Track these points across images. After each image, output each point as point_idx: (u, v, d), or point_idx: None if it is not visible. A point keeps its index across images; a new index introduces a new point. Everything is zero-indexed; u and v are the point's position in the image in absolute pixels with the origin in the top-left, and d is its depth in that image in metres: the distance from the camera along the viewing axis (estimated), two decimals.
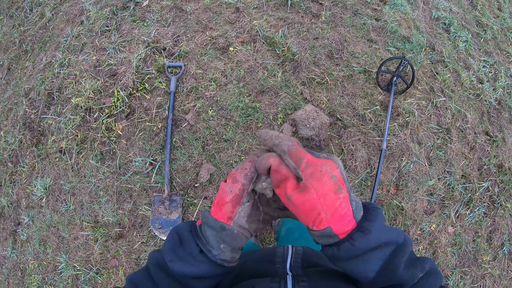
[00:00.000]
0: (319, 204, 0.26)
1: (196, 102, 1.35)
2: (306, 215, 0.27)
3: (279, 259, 0.43)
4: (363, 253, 0.27)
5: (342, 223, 0.27)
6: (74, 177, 1.35)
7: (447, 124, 1.48)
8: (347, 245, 0.27)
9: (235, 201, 0.28)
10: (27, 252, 1.38)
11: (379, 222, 0.27)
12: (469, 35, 1.73)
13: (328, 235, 0.27)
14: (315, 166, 0.26)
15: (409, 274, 0.27)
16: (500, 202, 1.46)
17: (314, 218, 0.26)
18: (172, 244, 0.30)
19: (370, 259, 0.27)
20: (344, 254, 0.27)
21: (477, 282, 1.37)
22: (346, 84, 1.43)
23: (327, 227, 0.26)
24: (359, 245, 0.26)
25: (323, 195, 0.26)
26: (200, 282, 0.30)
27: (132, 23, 1.52)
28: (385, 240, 0.27)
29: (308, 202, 0.26)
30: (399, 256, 0.27)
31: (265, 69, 1.40)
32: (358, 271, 0.27)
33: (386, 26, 1.57)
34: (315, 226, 0.27)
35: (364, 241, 0.26)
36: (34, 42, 1.73)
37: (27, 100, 1.55)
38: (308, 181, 0.26)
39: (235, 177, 0.28)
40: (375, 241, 0.27)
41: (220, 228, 0.29)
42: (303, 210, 0.26)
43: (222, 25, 1.49)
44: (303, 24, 1.51)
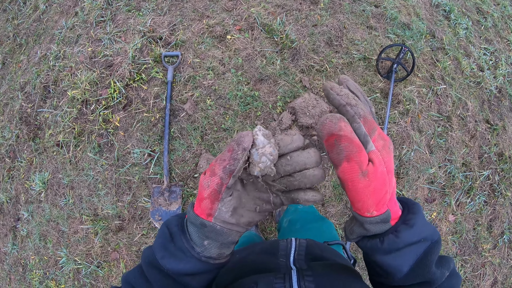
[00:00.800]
0: (387, 181, 0.24)
1: (194, 92, 1.33)
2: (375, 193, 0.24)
3: (282, 252, 0.41)
4: (404, 246, 0.26)
5: (396, 208, 0.26)
6: (72, 171, 1.34)
7: (447, 112, 1.47)
8: (391, 238, 0.26)
9: (213, 196, 0.25)
10: (27, 247, 1.38)
11: (421, 217, 0.27)
12: (469, 22, 1.71)
13: (384, 221, 0.25)
14: (386, 141, 0.25)
15: (439, 272, 0.27)
16: (501, 190, 1.46)
17: (380, 199, 0.24)
18: (163, 239, 0.28)
19: (409, 253, 0.26)
20: (387, 246, 0.26)
21: (478, 270, 1.38)
22: (346, 71, 1.41)
23: (387, 210, 0.25)
24: (403, 238, 0.25)
25: (390, 172, 0.24)
26: (193, 278, 0.28)
27: (127, 12, 1.49)
28: (424, 235, 0.26)
29: (382, 177, 0.24)
30: (434, 253, 0.26)
31: (263, 57, 1.38)
32: (394, 265, 0.26)
33: (386, 12, 1.55)
34: (377, 209, 0.25)
35: (408, 234, 0.25)
36: (28, 35, 1.70)
37: (22, 94, 1.53)
38: (381, 153, 0.24)
39: (213, 170, 0.25)
40: (417, 235, 0.26)
41: (201, 224, 0.27)
42: (374, 187, 0.24)
43: (219, 13, 1.46)
44: (302, 11, 1.48)
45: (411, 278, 0.27)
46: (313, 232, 0.67)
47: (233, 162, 0.24)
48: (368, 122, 0.24)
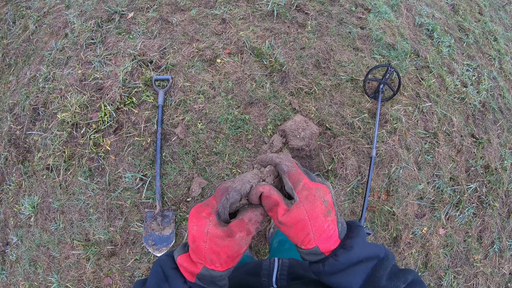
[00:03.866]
0: (309, 225, 0.28)
1: (185, 115, 1.34)
2: (296, 235, 0.29)
3: (265, 271, 0.43)
4: (346, 267, 0.28)
5: (329, 243, 0.29)
6: (62, 195, 1.32)
7: (433, 129, 1.51)
8: (331, 261, 0.29)
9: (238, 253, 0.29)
10: (17, 273, 1.35)
11: (360, 239, 0.30)
12: (452, 40, 1.77)
13: (315, 253, 0.29)
14: (310, 190, 0.29)
15: (391, 285, 0.28)
16: (488, 201, 1.50)
17: (303, 238, 0.29)
18: (157, 279, 0.30)
19: (353, 273, 0.28)
20: (328, 269, 0.29)
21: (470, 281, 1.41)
22: (334, 93, 1.44)
23: (315, 247, 0.29)
24: (342, 260, 0.28)
25: (314, 218, 0.28)
26: None
27: (117, 35, 1.50)
28: (366, 255, 0.29)
29: (300, 224, 0.28)
30: (381, 269, 0.29)
31: (253, 81, 1.40)
32: (343, 285, 0.29)
33: (371, 34, 1.59)
34: (304, 245, 0.29)
35: (347, 256, 0.28)
36: (18, 55, 1.69)
37: (11, 115, 1.51)
38: (302, 204, 0.28)
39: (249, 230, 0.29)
40: (357, 256, 0.29)
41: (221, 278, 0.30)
42: (294, 231, 0.29)
43: (208, 36, 1.48)
44: (290, 34, 1.52)
45: None
46: None
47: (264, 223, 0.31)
48: (293, 176, 0.30)
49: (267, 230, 1.25)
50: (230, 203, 0.30)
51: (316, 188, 0.29)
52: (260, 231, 1.28)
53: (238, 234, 0.28)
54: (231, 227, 0.29)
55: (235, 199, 0.30)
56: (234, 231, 0.28)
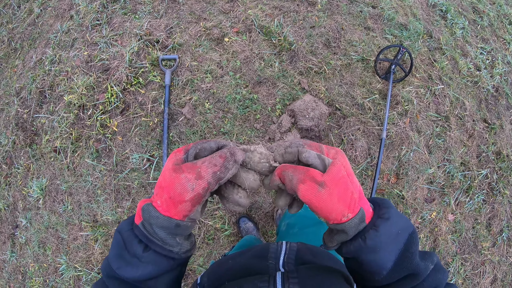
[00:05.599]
0: (349, 183, 0.26)
1: (192, 95, 1.32)
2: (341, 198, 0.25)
3: (272, 255, 0.42)
4: (387, 240, 0.26)
5: (367, 205, 0.27)
6: (70, 177, 1.32)
7: (445, 112, 1.47)
8: (372, 233, 0.26)
9: (196, 200, 0.25)
10: (26, 255, 1.36)
11: (394, 209, 0.28)
12: (466, 22, 1.71)
13: (361, 220, 0.26)
14: (335, 148, 0.27)
15: (422, 264, 0.27)
16: (499, 189, 1.47)
17: (349, 201, 0.26)
18: (117, 248, 0.27)
19: (390, 249, 0.26)
20: (370, 242, 0.26)
21: (477, 268, 1.39)
22: (344, 73, 1.41)
23: (361, 209, 0.26)
24: (383, 231, 0.26)
25: (351, 174, 0.26)
26: (156, 281, 0.28)
27: (123, 16, 1.47)
28: (401, 226, 0.27)
29: (343, 182, 0.25)
30: (414, 244, 0.27)
31: (261, 60, 1.38)
32: (379, 263, 0.26)
33: (383, 13, 1.55)
34: (351, 211, 0.26)
35: (387, 226, 0.26)
36: (23, 39, 1.68)
37: (18, 99, 1.51)
38: (338, 160, 0.26)
39: (200, 173, 0.24)
40: (395, 226, 0.26)
41: (176, 226, 0.26)
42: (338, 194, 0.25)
43: (216, 15, 1.45)
44: (299, 12, 1.48)
45: (397, 272, 0.27)
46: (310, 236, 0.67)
47: (223, 170, 0.25)
48: (312, 145, 0.27)
49: (275, 211, 1.24)
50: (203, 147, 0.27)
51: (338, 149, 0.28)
52: (267, 212, 1.27)
53: (185, 173, 0.24)
54: (182, 166, 0.25)
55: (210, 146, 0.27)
56: (183, 169, 0.25)
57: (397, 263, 0.26)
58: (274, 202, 0.29)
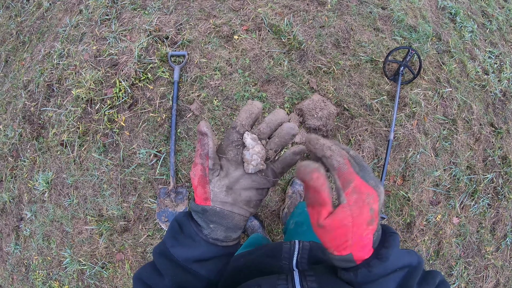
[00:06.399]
0: (350, 233, 0.26)
1: (201, 92, 1.33)
2: (334, 240, 0.26)
3: (286, 254, 0.42)
4: (378, 278, 0.27)
5: (363, 252, 0.27)
6: (76, 171, 1.33)
7: (453, 115, 1.47)
8: (364, 272, 0.27)
9: (202, 181, 0.29)
10: (30, 247, 1.36)
11: (396, 249, 0.27)
12: (474, 26, 1.71)
13: (347, 260, 0.27)
14: (361, 195, 0.25)
15: None
16: (504, 193, 1.47)
17: (340, 244, 0.26)
18: (173, 231, 0.31)
19: (385, 283, 0.27)
20: (360, 279, 0.27)
21: (481, 273, 1.39)
22: (353, 73, 1.41)
23: (349, 254, 0.27)
24: (376, 272, 0.27)
25: (357, 225, 0.25)
26: (202, 265, 0.29)
27: (132, 11, 1.48)
28: (400, 265, 0.27)
29: (342, 229, 0.25)
30: (413, 277, 0.27)
31: (270, 58, 1.38)
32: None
33: (393, 14, 1.54)
34: (338, 251, 0.27)
35: (381, 268, 0.27)
36: (32, 33, 1.68)
37: (26, 92, 1.51)
38: (350, 208, 0.25)
39: (195, 162, 0.29)
40: (391, 267, 0.27)
41: (202, 210, 0.29)
42: (333, 236, 0.26)
43: (226, 12, 1.45)
44: (309, 12, 1.48)
45: None
46: None
47: (204, 147, 0.29)
48: (343, 174, 0.25)
49: (281, 210, 1.24)
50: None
51: (368, 194, 0.25)
52: (273, 211, 1.27)
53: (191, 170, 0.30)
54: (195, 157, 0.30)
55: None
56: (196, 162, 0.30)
57: None
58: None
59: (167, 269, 0.29)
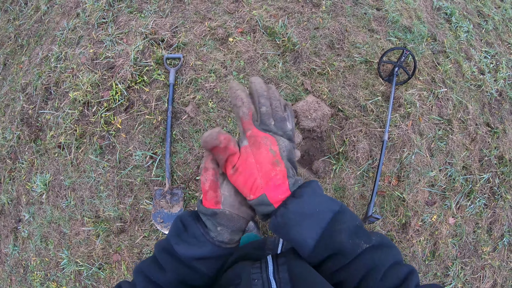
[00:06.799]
0: (256, 170, 0.28)
1: (196, 94, 1.34)
2: (245, 182, 0.29)
3: (270, 246, 0.44)
4: (299, 218, 0.27)
5: (276, 192, 0.28)
6: (73, 172, 1.34)
7: (448, 115, 1.47)
8: (282, 210, 0.28)
9: (214, 186, 0.30)
10: (28, 249, 1.38)
11: (310, 189, 0.29)
12: (470, 25, 1.71)
13: (263, 203, 0.29)
14: (257, 137, 0.29)
15: (350, 242, 0.27)
16: (501, 193, 1.47)
17: (252, 185, 0.28)
18: (177, 229, 0.32)
19: (308, 226, 0.27)
20: (281, 219, 0.28)
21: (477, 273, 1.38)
22: (347, 74, 1.41)
23: (262, 194, 0.28)
24: (292, 208, 0.28)
25: (259, 163, 0.28)
26: (203, 263, 0.31)
27: (129, 14, 1.49)
28: (317, 204, 0.28)
29: (248, 166, 0.28)
30: (338, 223, 0.28)
31: (265, 60, 1.38)
32: (298, 239, 0.28)
33: (387, 15, 1.55)
34: (252, 193, 0.29)
35: (296, 204, 0.28)
36: (30, 36, 1.70)
37: (24, 95, 1.53)
38: (250, 147, 0.29)
39: (205, 167, 0.31)
40: (307, 205, 0.28)
41: (212, 213, 0.30)
42: (244, 176, 0.29)
43: (221, 15, 1.46)
44: (304, 13, 1.48)
45: (320, 251, 0.28)
46: None
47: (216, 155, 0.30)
48: (244, 123, 0.29)
49: None
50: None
51: (263, 137, 0.29)
52: None
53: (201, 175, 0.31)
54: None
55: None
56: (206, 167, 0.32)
57: (319, 241, 0.27)
58: None
59: (169, 264, 0.30)
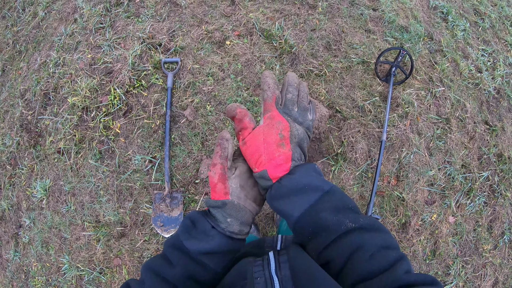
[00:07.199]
0: (262, 148, 0.32)
1: (194, 98, 1.34)
2: (252, 155, 0.33)
3: (268, 244, 0.45)
4: (289, 192, 0.31)
5: (276, 170, 0.32)
6: (73, 178, 1.34)
7: (446, 114, 1.47)
8: (276, 185, 0.32)
9: (222, 178, 0.33)
10: (29, 254, 1.38)
11: (304, 168, 0.32)
12: (467, 24, 1.71)
13: (264, 177, 0.33)
14: (273, 120, 0.33)
15: (334, 219, 0.29)
16: (500, 191, 1.47)
17: (257, 159, 0.33)
18: (186, 227, 0.34)
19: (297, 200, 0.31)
20: (274, 192, 0.32)
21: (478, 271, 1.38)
22: (345, 75, 1.41)
23: (264, 170, 0.32)
24: (285, 183, 0.31)
25: (266, 142, 0.32)
26: (211, 258, 0.32)
27: (126, 19, 1.50)
28: (308, 182, 0.31)
29: (256, 143, 0.32)
30: (324, 201, 0.30)
31: (262, 62, 1.39)
32: (286, 210, 0.31)
33: (384, 16, 1.55)
34: (256, 166, 0.33)
35: (289, 180, 0.31)
36: (28, 42, 1.71)
37: (23, 101, 1.53)
38: (263, 127, 0.33)
39: (214, 162, 0.34)
40: (298, 181, 0.31)
41: (222, 204, 0.33)
42: (251, 151, 0.33)
43: (217, 18, 1.47)
44: (300, 15, 1.49)
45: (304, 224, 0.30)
46: None
47: (224, 150, 0.34)
48: (266, 104, 0.34)
49: (275, 213, 1.25)
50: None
51: (278, 121, 0.32)
52: (268, 213, 1.28)
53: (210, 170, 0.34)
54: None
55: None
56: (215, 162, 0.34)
57: (303, 214, 0.30)
58: None
59: (178, 259, 0.31)
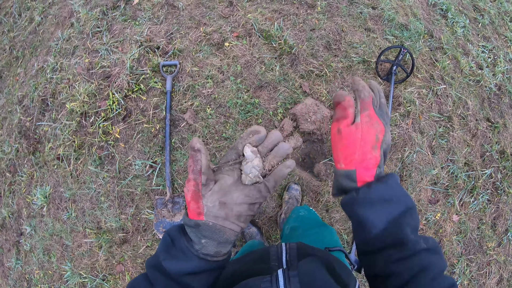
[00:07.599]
0: (358, 145, 0.31)
1: (194, 101, 1.33)
2: (345, 149, 0.31)
3: (274, 257, 0.43)
4: (378, 200, 0.30)
5: (365, 174, 0.31)
6: (73, 184, 1.33)
7: (448, 112, 1.46)
8: (364, 189, 0.31)
9: (195, 196, 0.30)
10: (31, 262, 1.37)
11: (395, 179, 0.31)
12: (466, 21, 1.70)
13: (350, 177, 0.31)
14: (372, 119, 0.32)
15: (413, 236, 0.30)
16: (503, 188, 1.46)
17: (348, 155, 0.31)
18: (165, 245, 0.31)
19: (382, 209, 0.30)
20: (361, 195, 0.30)
21: (483, 269, 1.38)
22: (346, 75, 1.40)
23: (354, 169, 0.31)
24: (375, 190, 0.30)
25: (364, 140, 0.31)
26: (194, 278, 0.30)
27: (123, 22, 1.48)
28: (397, 195, 0.30)
29: (352, 137, 0.31)
30: (408, 217, 0.30)
31: (262, 64, 1.38)
32: (370, 218, 0.30)
33: (383, 14, 1.54)
34: (346, 163, 0.31)
35: (379, 188, 0.30)
36: (25, 47, 1.69)
37: (21, 107, 1.52)
38: (362, 125, 0.31)
39: (188, 178, 0.30)
40: (389, 192, 0.30)
41: (195, 225, 0.30)
42: (345, 143, 0.31)
43: (216, 20, 1.45)
44: (299, 15, 1.48)
45: (385, 235, 0.30)
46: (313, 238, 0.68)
47: (196, 163, 0.30)
48: (364, 103, 0.32)
49: (278, 215, 1.24)
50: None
51: (377, 122, 0.31)
52: (271, 217, 1.27)
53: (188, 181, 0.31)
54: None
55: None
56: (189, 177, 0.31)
57: (387, 226, 0.30)
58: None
59: (159, 282, 0.30)
